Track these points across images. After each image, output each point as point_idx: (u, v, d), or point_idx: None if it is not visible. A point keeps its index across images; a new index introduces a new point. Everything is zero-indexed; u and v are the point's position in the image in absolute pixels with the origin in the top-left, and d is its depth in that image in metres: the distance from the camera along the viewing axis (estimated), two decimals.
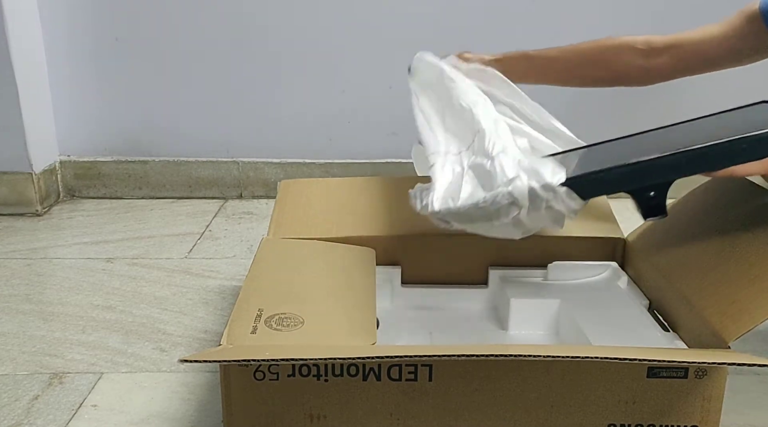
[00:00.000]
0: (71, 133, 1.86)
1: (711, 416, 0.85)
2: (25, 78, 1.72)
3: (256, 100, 1.85)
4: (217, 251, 1.56)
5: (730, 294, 0.91)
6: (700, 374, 0.83)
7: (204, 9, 1.78)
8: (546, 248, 1.18)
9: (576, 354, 0.81)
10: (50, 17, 1.77)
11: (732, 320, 0.88)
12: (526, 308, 1.10)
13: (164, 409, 1.00)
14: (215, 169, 1.90)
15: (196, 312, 1.28)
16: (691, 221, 1.10)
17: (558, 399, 0.84)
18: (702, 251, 1.03)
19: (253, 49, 1.81)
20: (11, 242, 1.60)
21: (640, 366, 0.83)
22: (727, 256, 0.97)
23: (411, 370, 0.82)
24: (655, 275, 1.09)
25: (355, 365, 0.81)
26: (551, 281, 1.17)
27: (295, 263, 1.09)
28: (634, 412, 0.85)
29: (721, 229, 1.03)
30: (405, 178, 1.41)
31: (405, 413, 0.84)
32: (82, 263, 1.48)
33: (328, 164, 1.89)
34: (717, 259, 0.98)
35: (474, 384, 0.83)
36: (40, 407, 1.00)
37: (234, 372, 0.81)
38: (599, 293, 1.13)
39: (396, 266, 1.18)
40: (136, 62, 1.82)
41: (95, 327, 1.22)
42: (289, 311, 0.90)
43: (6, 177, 1.74)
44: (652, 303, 1.10)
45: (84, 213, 1.79)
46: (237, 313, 0.90)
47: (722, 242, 1.00)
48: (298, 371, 0.81)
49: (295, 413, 0.83)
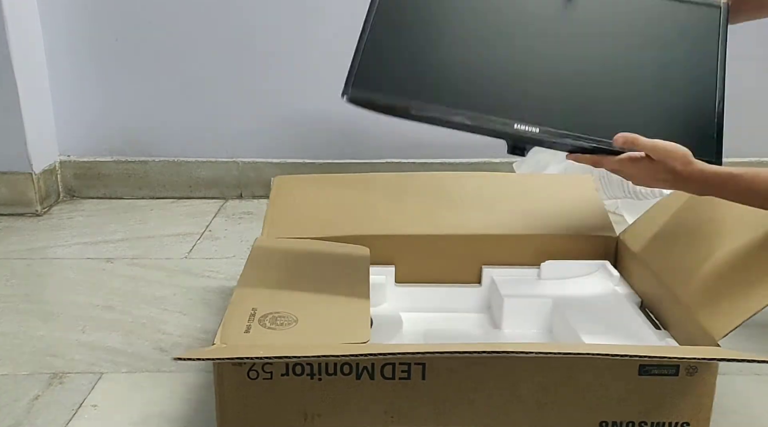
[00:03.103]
0: (71, 133, 1.87)
1: (702, 414, 0.86)
2: (25, 78, 1.72)
3: (257, 100, 1.86)
4: (217, 251, 1.57)
5: (719, 292, 0.92)
6: (691, 371, 0.84)
7: (204, 9, 1.78)
8: (539, 246, 1.19)
9: (567, 351, 0.82)
10: (50, 17, 1.77)
11: (720, 317, 0.89)
12: (520, 307, 1.11)
13: (164, 409, 1.00)
14: (215, 169, 1.90)
15: (196, 312, 1.28)
16: (682, 220, 1.11)
17: (550, 397, 0.85)
18: (692, 249, 1.03)
19: (253, 49, 1.82)
20: (11, 242, 1.61)
21: (631, 363, 0.83)
22: (717, 254, 0.98)
23: (404, 368, 0.83)
24: (646, 274, 1.10)
25: (349, 363, 0.82)
26: (544, 279, 1.18)
27: (288, 262, 1.09)
28: (625, 409, 0.85)
29: (710, 227, 1.04)
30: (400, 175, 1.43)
31: (398, 411, 0.84)
32: (82, 263, 1.49)
33: (328, 164, 1.89)
34: (706, 257, 0.99)
35: (467, 382, 0.84)
36: (40, 407, 1.01)
37: (227, 371, 0.82)
38: (592, 292, 1.13)
39: (390, 265, 1.19)
40: (136, 62, 1.82)
41: (95, 327, 1.23)
42: (282, 310, 0.91)
43: (6, 177, 1.75)
44: (643, 301, 1.10)
45: (84, 213, 1.80)
46: (231, 312, 0.90)
47: (711, 241, 1.01)
48: (291, 369, 0.82)
49: (289, 412, 0.84)
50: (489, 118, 0.93)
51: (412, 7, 0.97)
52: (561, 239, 1.19)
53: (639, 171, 0.91)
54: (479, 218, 1.22)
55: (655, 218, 1.17)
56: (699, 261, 1.00)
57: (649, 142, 0.88)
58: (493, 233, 1.20)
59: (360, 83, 0.93)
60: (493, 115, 0.93)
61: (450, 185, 1.31)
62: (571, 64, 0.96)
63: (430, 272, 1.20)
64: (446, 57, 0.96)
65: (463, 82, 0.94)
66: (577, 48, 0.98)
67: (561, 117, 0.93)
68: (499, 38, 0.97)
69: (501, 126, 0.92)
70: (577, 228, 1.21)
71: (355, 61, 0.94)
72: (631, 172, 0.92)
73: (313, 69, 1.82)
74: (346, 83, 0.93)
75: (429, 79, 0.94)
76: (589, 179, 1.33)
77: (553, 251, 1.19)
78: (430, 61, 0.95)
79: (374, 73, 0.94)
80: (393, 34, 0.96)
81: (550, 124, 0.93)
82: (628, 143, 0.90)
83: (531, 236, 1.20)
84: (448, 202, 1.26)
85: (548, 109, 0.94)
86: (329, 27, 1.79)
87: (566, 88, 0.95)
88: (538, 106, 0.94)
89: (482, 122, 0.92)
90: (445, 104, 0.93)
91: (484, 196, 1.28)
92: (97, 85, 1.84)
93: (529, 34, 0.98)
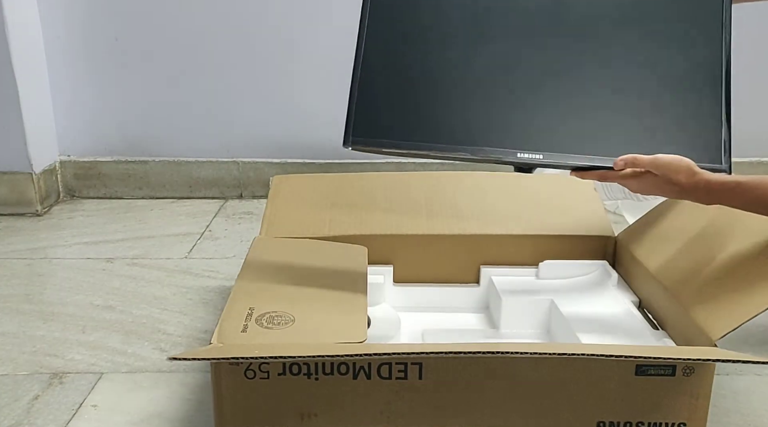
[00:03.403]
0: (71, 133, 1.87)
1: (698, 414, 0.86)
2: (25, 78, 1.73)
3: (257, 100, 1.86)
4: (217, 251, 1.57)
5: (717, 293, 0.92)
6: (688, 371, 0.84)
7: (204, 9, 1.78)
8: (537, 246, 1.19)
9: (564, 351, 0.81)
10: (50, 18, 1.78)
11: (718, 318, 0.89)
12: (518, 307, 1.11)
13: (164, 409, 1.00)
14: (215, 169, 1.91)
15: (196, 312, 1.29)
16: (681, 222, 1.11)
17: (547, 397, 0.85)
18: (691, 251, 1.03)
19: (253, 48, 1.82)
20: (11, 242, 1.61)
21: (628, 364, 0.83)
22: (715, 255, 0.98)
23: (401, 368, 0.83)
24: (644, 274, 1.10)
25: (346, 363, 0.82)
26: (542, 279, 1.18)
27: (286, 261, 1.09)
28: (622, 409, 0.85)
29: (710, 230, 1.04)
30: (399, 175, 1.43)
31: (395, 412, 0.85)
32: (82, 263, 1.49)
33: (328, 164, 1.89)
34: (705, 258, 0.99)
35: (464, 382, 0.84)
36: (40, 407, 1.01)
37: (224, 371, 0.82)
38: (590, 292, 1.14)
39: (388, 264, 1.19)
40: (136, 62, 1.83)
41: (95, 327, 1.23)
42: (279, 309, 0.91)
43: (6, 177, 1.75)
44: (641, 301, 1.10)
45: (84, 213, 1.80)
46: (228, 311, 0.91)
47: (711, 243, 1.01)
48: (288, 369, 0.82)
49: (286, 412, 0.84)
50: (492, 150, 0.93)
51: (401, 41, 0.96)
52: (559, 239, 1.19)
53: (644, 186, 0.91)
54: (478, 218, 1.22)
55: (655, 219, 1.17)
56: (698, 262, 1.00)
57: (648, 160, 0.88)
58: (492, 233, 1.20)
59: (359, 132, 0.93)
60: (496, 147, 0.93)
61: (449, 185, 1.31)
62: (570, 81, 0.95)
63: (428, 271, 1.20)
64: (443, 93, 0.95)
65: (463, 118, 0.94)
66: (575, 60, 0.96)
67: (563, 140, 0.93)
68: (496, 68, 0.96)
69: (505, 156, 0.93)
70: (576, 228, 1.21)
71: (351, 106, 0.94)
72: (637, 188, 0.92)
73: (313, 69, 1.83)
74: (345, 131, 0.93)
75: (428, 119, 0.94)
76: None
77: (552, 251, 1.19)
78: (427, 99, 0.94)
79: (372, 119, 0.94)
80: (386, 70, 0.95)
81: (553, 148, 0.93)
82: (629, 165, 0.90)
83: (529, 236, 1.20)
84: (447, 201, 1.26)
85: (550, 134, 0.93)
86: (329, 27, 1.79)
87: (567, 110, 0.94)
88: (540, 133, 0.94)
89: (486, 155, 0.93)
90: (447, 142, 0.93)
91: (483, 196, 1.28)
92: (97, 85, 1.84)
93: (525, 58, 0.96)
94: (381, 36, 0.96)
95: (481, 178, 1.37)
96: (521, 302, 1.11)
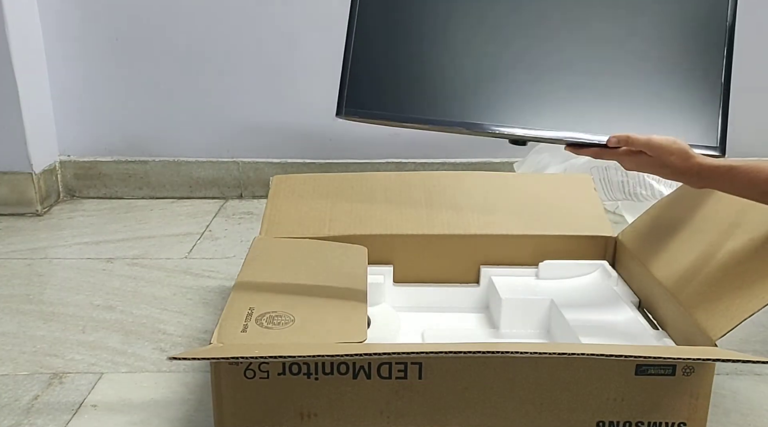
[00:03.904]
0: (71, 133, 1.87)
1: (698, 414, 0.86)
2: (25, 78, 1.73)
3: (256, 100, 1.86)
4: (217, 251, 1.57)
5: (717, 292, 0.92)
6: (688, 371, 0.84)
7: (204, 9, 1.78)
8: (537, 246, 1.19)
9: (564, 351, 0.81)
10: (50, 17, 1.78)
11: (718, 317, 0.89)
12: (518, 307, 1.11)
13: (164, 409, 1.00)
14: (215, 169, 1.91)
15: (196, 312, 1.29)
16: (680, 221, 1.11)
17: (547, 397, 0.85)
18: (690, 250, 1.03)
19: (253, 48, 1.82)
20: (11, 242, 1.61)
21: (628, 363, 0.84)
22: (715, 255, 0.98)
23: (401, 368, 0.83)
24: (644, 274, 1.10)
25: (346, 363, 0.82)
26: (542, 279, 1.18)
27: (286, 261, 1.10)
28: (622, 409, 0.85)
29: (709, 228, 1.04)
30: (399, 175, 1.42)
31: (395, 411, 0.85)
32: (82, 263, 1.49)
33: (328, 164, 1.89)
34: (705, 258, 0.99)
35: (464, 382, 0.84)
36: (40, 407, 1.01)
37: (224, 370, 0.82)
38: (590, 292, 1.14)
39: (388, 264, 1.19)
40: (136, 62, 1.83)
41: (95, 327, 1.23)
42: (279, 309, 0.91)
43: (6, 177, 1.75)
44: (641, 301, 1.10)
45: (84, 213, 1.80)
46: (228, 311, 0.91)
47: (710, 242, 1.01)
48: (288, 369, 0.82)
49: (286, 412, 0.84)
50: (485, 124, 0.93)
51: (393, 12, 0.96)
52: (559, 239, 1.19)
53: (639, 165, 0.91)
54: (478, 218, 1.22)
55: (654, 219, 1.17)
56: (697, 262, 1.00)
57: (642, 139, 0.88)
58: (492, 233, 1.20)
59: (352, 102, 0.93)
60: (490, 122, 0.93)
61: (449, 185, 1.31)
62: (565, 56, 0.95)
63: (428, 271, 1.20)
64: (436, 66, 0.94)
65: (456, 90, 0.94)
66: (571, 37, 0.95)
67: (557, 116, 0.93)
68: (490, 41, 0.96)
69: (498, 130, 0.93)
70: (576, 228, 1.21)
71: (345, 75, 0.93)
72: (631, 166, 0.92)
73: (314, 69, 1.83)
74: (339, 101, 0.92)
75: (420, 91, 0.94)
76: (588, 179, 1.33)
77: (552, 251, 1.19)
78: (419, 71, 0.94)
79: (365, 89, 0.93)
80: (378, 44, 0.95)
81: (547, 125, 0.93)
82: (622, 142, 0.90)
83: (529, 236, 1.20)
84: (447, 201, 1.26)
85: (545, 110, 0.94)
86: (330, 28, 1.79)
87: (561, 86, 0.94)
88: (534, 108, 0.94)
89: (479, 128, 0.93)
90: (440, 115, 0.93)
91: (483, 196, 1.28)
92: (98, 85, 1.84)
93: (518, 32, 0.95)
94: (375, 6, 0.95)
95: (481, 178, 1.37)
96: (521, 302, 1.11)
